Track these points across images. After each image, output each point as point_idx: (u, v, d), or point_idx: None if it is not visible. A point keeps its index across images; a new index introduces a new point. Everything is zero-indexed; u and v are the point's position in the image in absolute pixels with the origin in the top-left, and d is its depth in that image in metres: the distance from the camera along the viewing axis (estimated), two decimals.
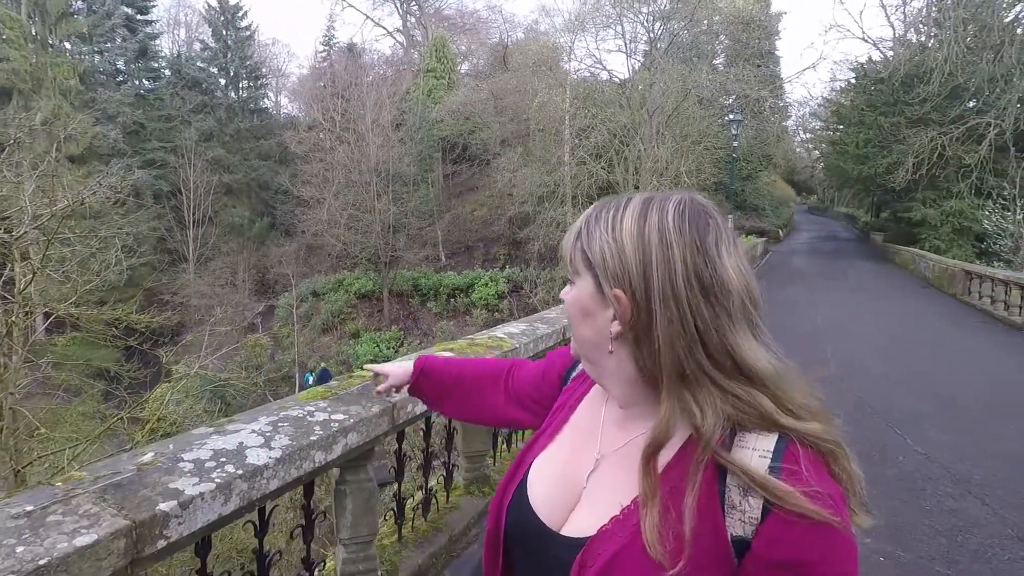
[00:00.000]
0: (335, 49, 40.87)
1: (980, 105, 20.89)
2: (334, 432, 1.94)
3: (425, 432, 2.81)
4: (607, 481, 0.84)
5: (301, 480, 1.86)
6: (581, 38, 24.83)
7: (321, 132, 29.00)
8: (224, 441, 1.75)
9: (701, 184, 22.11)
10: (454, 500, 3.08)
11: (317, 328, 25.44)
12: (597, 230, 0.83)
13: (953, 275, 15.39)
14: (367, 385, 2.39)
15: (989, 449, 4.91)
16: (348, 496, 2.21)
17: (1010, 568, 3.23)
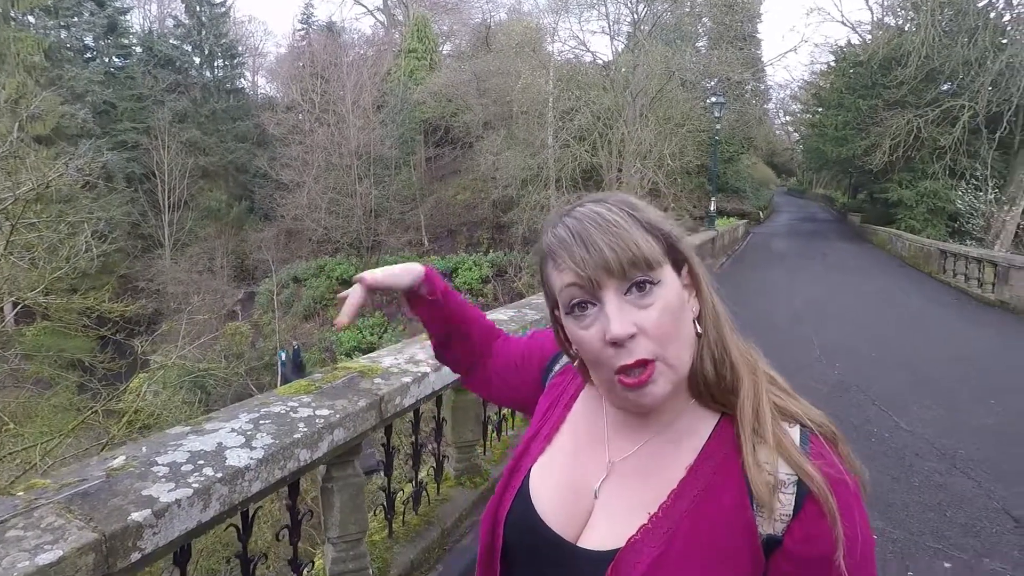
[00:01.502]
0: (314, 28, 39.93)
1: (955, 88, 21.15)
2: (319, 429, 1.85)
3: (413, 424, 2.73)
4: (624, 489, 0.79)
5: (285, 481, 1.77)
6: (565, 19, 24.58)
7: (300, 113, 28.41)
8: (201, 442, 1.65)
9: (684, 167, 22.13)
10: (445, 492, 3.01)
11: (299, 315, 25.14)
12: (648, 217, 0.76)
13: (929, 254, 15.65)
14: (352, 377, 2.30)
15: (971, 424, 4.98)
16: (335, 493, 2.12)
17: (998, 541, 3.27)
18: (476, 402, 3.26)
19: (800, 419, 0.74)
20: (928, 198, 21.62)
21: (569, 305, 0.75)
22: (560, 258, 0.75)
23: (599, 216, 0.74)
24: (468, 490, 3.13)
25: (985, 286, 11.73)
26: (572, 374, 0.96)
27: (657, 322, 0.71)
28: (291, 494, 1.96)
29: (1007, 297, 10.80)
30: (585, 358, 0.78)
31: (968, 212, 19.48)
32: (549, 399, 0.97)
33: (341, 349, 21.18)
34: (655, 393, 0.72)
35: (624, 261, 0.71)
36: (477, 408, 3.28)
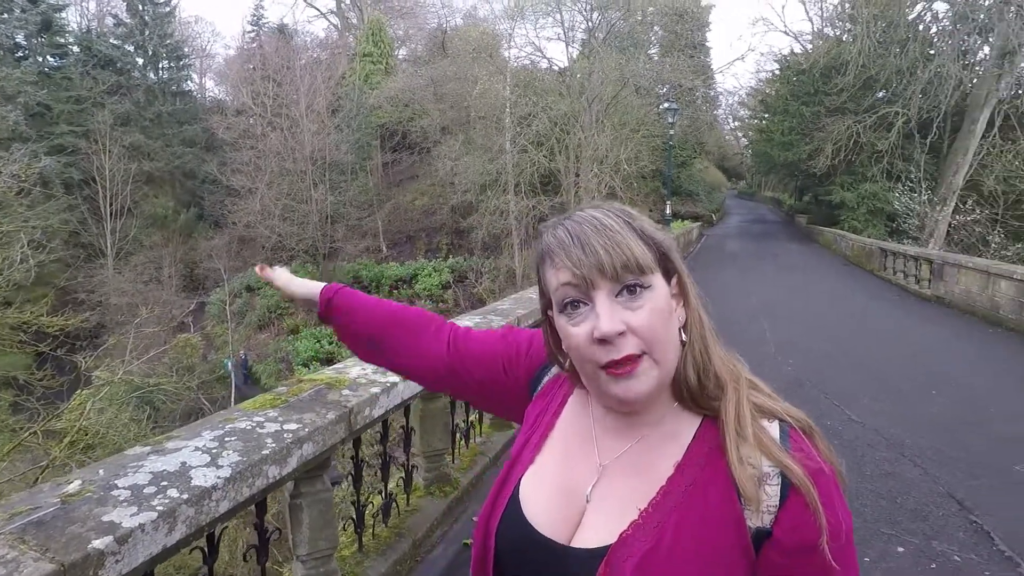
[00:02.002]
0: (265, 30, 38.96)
1: (889, 95, 22.27)
2: (288, 444, 1.80)
3: (382, 434, 2.69)
4: (615, 489, 0.81)
5: (254, 499, 1.71)
6: (521, 25, 24.77)
7: (251, 117, 27.63)
8: (164, 462, 1.58)
9: (640, 171, 22.57)
10: (415, 502, 2.98)
11: (253, 325, 24.42)
12: (643, 226, 0.80)
13: (870, 253, 16.41)
14: (319, 389, 2.25)
15: (915, 414, 5.24)
16: (304, 509, 2.07)
17: (945, 524, 3.44)
18: (444, 410, 3.24)
19: (780, 416, 0.77)
20: (868, 199, 22.64)
21: (563, 304, 0.78)
22: (558, 257, 0.77)
23: (597, 220, 0.77)
24: (438, 499, 3.10)
25: (922, 282, 12.36)
26: (560, 383, 0.97)
27: (645, 322, 0.74)
28: (258, 512, 1.89)
29: (942, 292, 11.41)
30: (573, 355, 0.80)
31: (904, 212, 20.51)
32: (538, 408, 0.97)
33: (298, 359, 20.68)
34: (639, 388, 0.75)
35: (617, 264, 0.74)
36: (445, 416, 3.25)
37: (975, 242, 18.29)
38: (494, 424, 4.20)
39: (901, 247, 15.02)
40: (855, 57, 21.20)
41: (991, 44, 20.15)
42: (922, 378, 6.41)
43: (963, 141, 20.18)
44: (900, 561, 3.07)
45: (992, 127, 19.92)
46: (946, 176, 20.57)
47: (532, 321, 4.49)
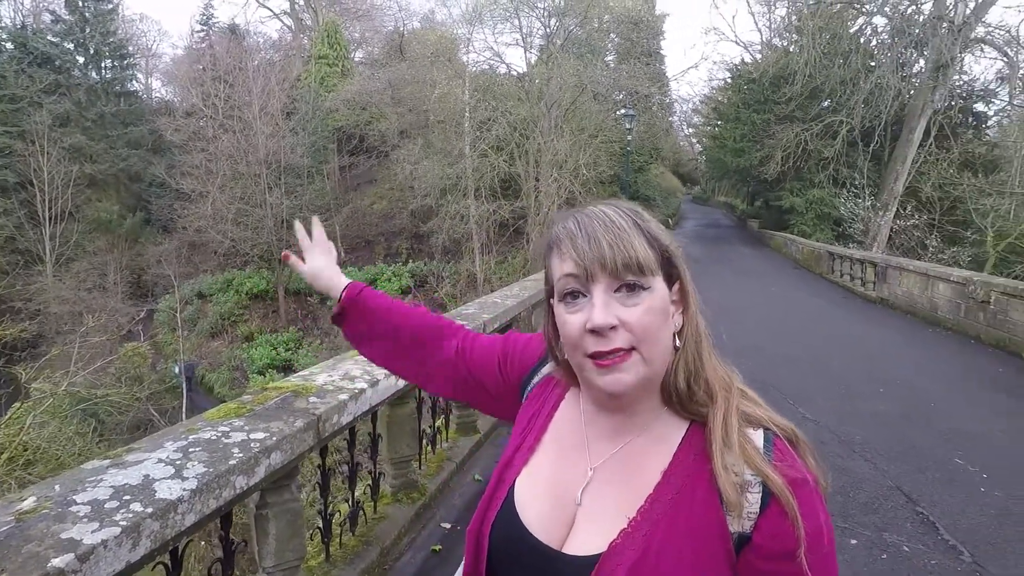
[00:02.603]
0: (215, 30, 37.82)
1: (834, 105, 23.22)
2: (256, 453, 1.75)
3: (349, 442, 2.65)
4: (605, 494, 0.82)
5: (220, 511, 1.66)
6: (479, 30, 24.80)
7: (202, 119, 26.76)
8: (125, 475, 1.52)
9: (598, 176, 22.87)
10: (382, 510, 2.94)
11: (205, 332, 23.62)
12: (650, 228, 0.81)
13: (819, 256, 17.06)
14: (286, 397, 2.20)
15: (864, 411, 5.48)
16: (271, 520, 2.02)
17: (894, 516, 3.61)
18: (412, 416, 3.21)
19: (766, 424, 0.79)
20: (816, 205, 23.52)
21: (563, 293, 0.80)
22: (564, 247, 0.79)
23: (607, 216, 0.79)
24: (406, 506, 3.07)
25: (867, 285, 12.93)
26: (552, 385, 0.98)
27: (638, 320, 0.75)
28: (224, 525, 1.84)
29: (886, 294, 11.97)
30: (565, 344, 0.82)
31: (850, 217, 21.40)
32: (530, 411, 0.98)
33: (254, 367, 20.13)
34: (625, 381, 0.76)
35: (620, 260, 0.75)
36: (412, 422, 3.23)
37: (915, 246, 19.25)
38: (460, 429, 4.19)
39: (847, 251, 15.68)
40: (802, 67, 22.03)
41: (926, 57, 21.28)
42: (869, 377, 6.71)
43: (902, 149, 21.22)
44: (854, 553, 3.20)
45: (928, 136, 21.01)
46: (887, 183, 21.58)
47: (498, 325, 4.50)
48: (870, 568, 3.08)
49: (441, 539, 3.11)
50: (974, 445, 4.67)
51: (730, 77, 29.94)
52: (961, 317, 9.17)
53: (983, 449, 4.60)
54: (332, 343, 21.13)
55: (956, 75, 21.31)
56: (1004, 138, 23.23)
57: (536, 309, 6.12)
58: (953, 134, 21.09)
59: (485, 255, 22.75)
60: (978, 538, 3.35)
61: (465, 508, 3.48)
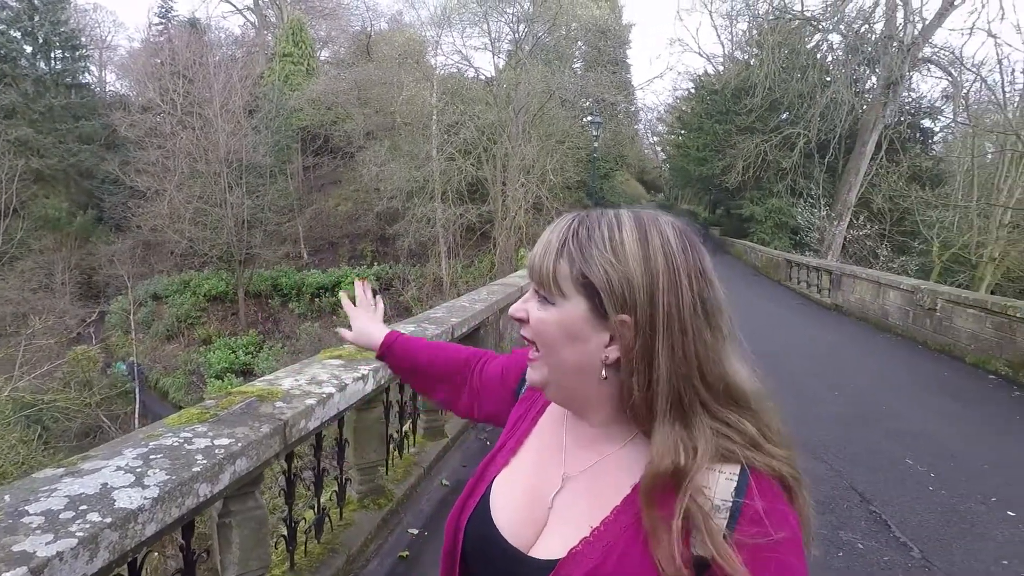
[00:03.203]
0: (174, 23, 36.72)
1: (792, 117, 23.99)
2: (220, 460, 1.70)
3: (315, 447, 2.60)
4: (575, 502, 0.82)
5: (183, 520, 1.61)
6: (447, 33, 24.75)
7: (159, 115, 25.91)
8: (81, 484, 1.46)
9: (565, 182, 23.06)
10: (348, 516, 2.89)
11: (160, 335, 22.84)
12: (594, 249, 0.76)
13: (777, 264, 17.57)
14: (251, 402, 2.15)
15: (820, 413, 5.66)
16: (234, 528, 1.96)
17: (849, 514, 3.74)
18: (379, 421, 3.17)
19: (744, 463, 0.74)
20: (774, 214, 24.22)
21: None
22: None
23: (556, 230, 0.81)
24: (372, 512, 3.02)
25: (823, 292, 13.37)
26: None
27: (535, 322, 0.82)
28: (185, 534, 1.78)
29: (840, 301, 12.39)
30: None
31: (806, 227, 22.12)
32: (519, 412, 1.00)
33: (211, 371, 19.55)
34: (533, 377, 0.85)
35: (535, 275, 0.82)
36: (380, 427, 3.19)
37: (867, 255, 19.99)
38: (428, 434, 4.16)
39: (804, 259, 16.19)
40: (762, 80, 22.71)
41: (878, 75, 22.20)
42: (825, 380, 6.94)
43: (855, 162, 22.06)
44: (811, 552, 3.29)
45: (880, 150, 21.91)
46: (841, 194, 22.39)
47: (466, 330, 4.49)
48: (827, 566, 3.17)
49: (408, 545, 3.07)
50: (923, 446, 4.88)
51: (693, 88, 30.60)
52: (910, 323, 9.57)
53: (931, 450, 4.80)
54: (294, 347, 20.71)
55: (905, 92, 22.34)
56: (949, 153, 24.38)
57: (504, 313, 6.13)
58: (902, 148, 22.05)
59: (451, 259, 22.67)
60: (927, 535, 3.50)
61: (432, 514, 3.45)
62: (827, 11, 22.38)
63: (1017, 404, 6.21)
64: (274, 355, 20.46)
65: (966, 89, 20.96)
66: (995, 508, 3.84)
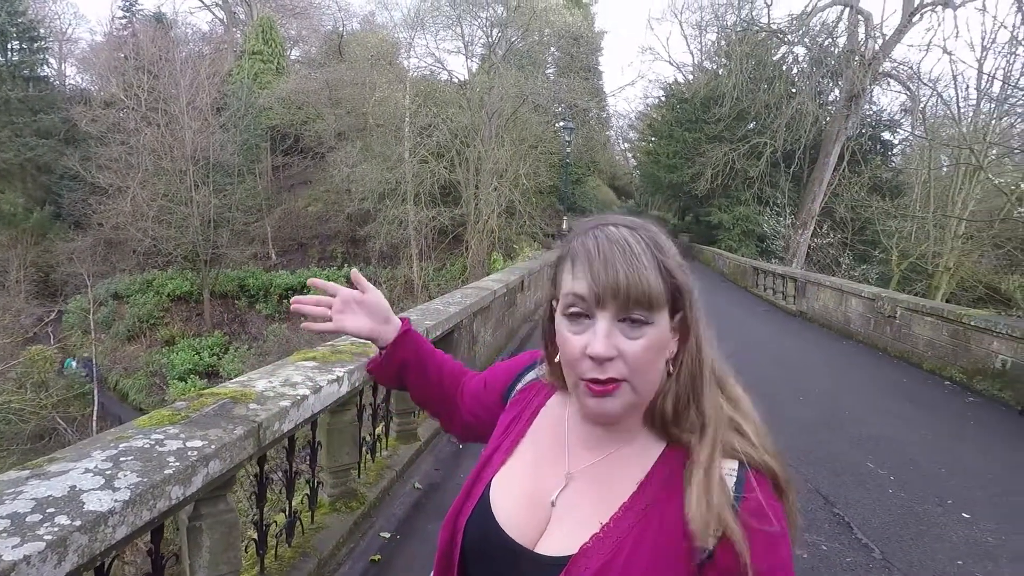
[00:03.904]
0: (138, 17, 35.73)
1: (759, 127, 24.62)
2: (193, 462, 1.67)
3: (288, 450, 2.56)
4: (580, 500, 0.84)
5: (153, 523, 1.57)
6: (421, 36, 24.64)
7: (122, 110, 25.19)
8: (48, 486, 1.42)
9: (538, 186, 23.17)
10: (320, 520, 2.85)
11: (121, 335, 22.14)
12: (667, 256, 0.80)
13: (745, 271, 17.96)
14: (224, 404, 2.11)
15: (787, 418, 5.80)
16: (205, 532, 1.92)
17: (814, 517, 3.84)
18: (352, 424, 3.14)
19: (741, 458, 0.78)
20: (742, 221, 24.78)
21: (568, 308, 0.80)
22: (580, 266, 0.79)
23: (628, 245, 0.78)
24: (344, 515, 2.99)
25: (788, 298, 13.71)
26: (535, 391, 1.00)
27: (637, 355, 0.76)
28: (154, 538, 1.74)
29: (805, 308, 12.73)
30: (563, 358, 0.82)
31: (772, 234, 22.69)
32: (511, 414, 1.00)
33: (174, 373, 19.04)
34: (612, 408, 0.78)
35: (632, 294, 0.75)
36: (353, 430, 3.16)
37: (830, 263, 20.60)
38: (401, 437, 4.13)
39: (770, 266, 16.59)
40: (730, 90, 23.26)
41: (841, 87, 22.94)
42: (790, 385, 7.12)
43: (819, 172, 22.72)
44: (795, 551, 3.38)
45: (842, 161, 22.61)
46: (806, 203, 23.02)
47: (440, 332, 4.48)
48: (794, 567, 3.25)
49: (380, 549, 3.05)
50: (883, 450, 5.04)
51: (664, 96, 31.12)
52: (871, 330, 9.88)
53: (891, 454, 4.97)
54: (261, 348, 20.32)
55: (866, 105, 23.15)
56: (907, 165, 25.29)
57: (477, 317, 6.13)
58: (863, 160, 22.80)
59: (423, 261, 22.55)
60: (887, 536, 3.62)
61: (405, 517, 3.43)
62: (792, 24, 23.04)
63: (971, 409, 6.47)
64: (240, 357, 20.03)
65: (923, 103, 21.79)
66: (951, 510, 3.99)
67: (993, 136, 17.45)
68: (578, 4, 32.19)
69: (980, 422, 6.00)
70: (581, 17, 29.57)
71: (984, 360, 6.99)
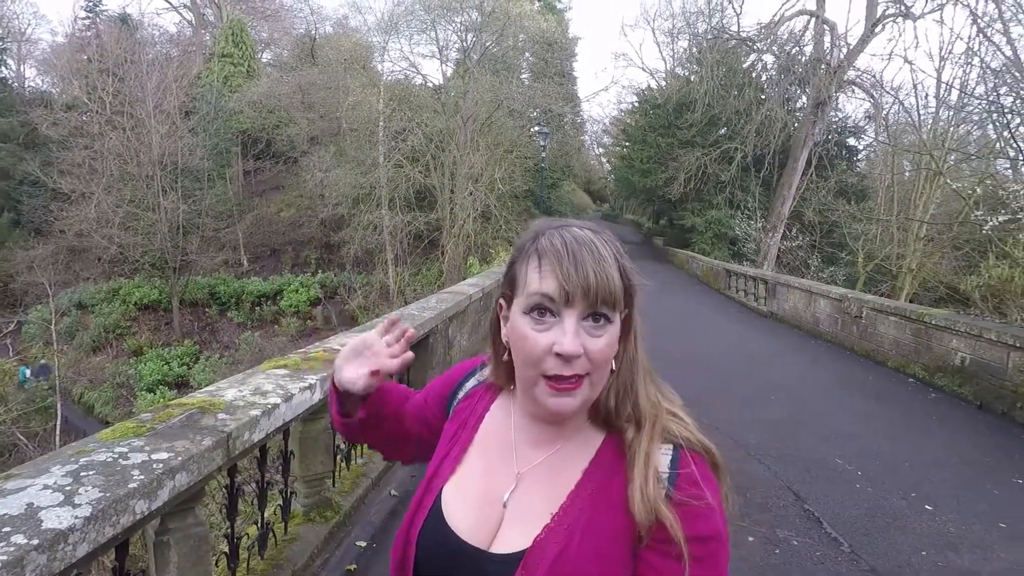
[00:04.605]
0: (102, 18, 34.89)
1: (730, 132, 25.05)
2: (159, 475, 1.63)
3: (259, 460, 2.52)
4: (531, 496, 0.86)
5: (117, 539, 1.53)
6: (395, 39, 24.54)
7: (85, 114, 24.55)
8: (3, 504, 1.37)
9: (513, 191, 23.21)
10: (293, 531, 2.80)
11: (85, 346, 21.49)
12: (623, 258, 0.84)
13: (717, 273, 18.24)
14: (192, 414, 2.07)
15: (759, 417, 5.90)
16: (173, 547, 1.88)
17: (786, 513, 3.92)
18: (326, 432, 3.10)
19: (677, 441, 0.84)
20: (714, 225, 25.15)
21: (532, 307, 0.80)
22: (548, 264, 0.80)
23: (595, 245, 0.81)
24: (319, 526, 2.95)
25: (760, 300, 13.96)
26: (477, 398, 1.02)
27: (602, 351, 0.80)
28: (119, 555, 1.69)
29: (775, 309, 12.97)
30: (523, 356, 0.82)
31: (743, 237, 23.09)
32: (456, 423, 1.01)
33: (142, 384, 18.56)
34: (572, 405, 0.81)
35: (601, 292, 0.78)
36: (327, 438, 3.11)
37: (799, 265, 21.04)
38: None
39: (742, 268, 16.87)
40: (702, 96, 23.65)
41: (808, 94, 23.51)
42: (762, 384, 7.24)
43: (788, 177, 23.21)
44: (751, 549, 3.43)
45: (810, 166, 23.16)
46: (775, 206, 23.49)
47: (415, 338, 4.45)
48: (765, 562, 3.31)
49: (356, 558, 3.01)
50: (851, 446, 5.16)
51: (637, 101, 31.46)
52: (838, 330, 10.12)
53: (858, 449, 5.09)
54: (233, 357, 19.94)
55: (832, 112, 23.75)
56: (871, 170, 26.02)
57: (453, 322, 6.11)
58: (830, 165, 23.38)
59: (399, 267, 22.40)
60: (855, 530, 3.70)
61: (381, 525, 3.39)
62: (761, 33, 23.55)
63: (933, 405, 6.66)
64: (211, 366, 19.62)
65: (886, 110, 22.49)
66: (915, 503, 4.11)
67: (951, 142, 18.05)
68: (552, 10, 32.46)
69: (942, 417, 6.18)
70: (555, 23, 29.78)
71: (944, 357, 7.20)
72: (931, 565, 3.33)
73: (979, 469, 4.78)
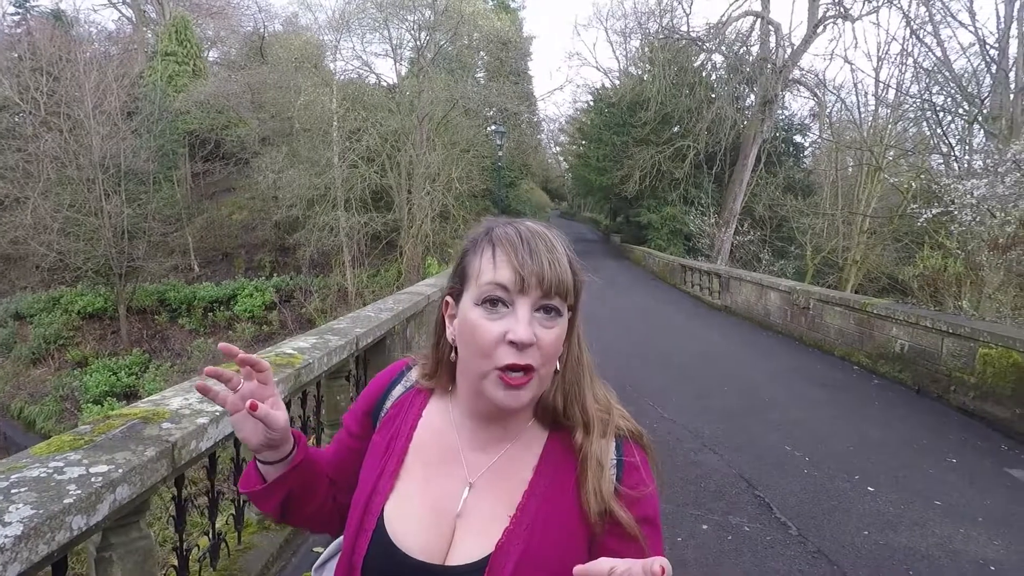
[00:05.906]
0: (33, 14, 33.14)
1: (683, 130, 25.62)
2: (97, 488, 1.57)
3: (209, 469, 2.45)
4: (485, 502, 0.86)
5: (53, 557, 1.47)
6: (347, 38, 24.14)
7: (17, 115, 23.30)
8: None
9: (471, 190, 23.17)
10: (247, 540, 2.74)
11: (24, 359, 20.40)
12: (574, 260, 0.86)
13: (673, 268, 18.65)
14: (133, 424, 2.00)
15: (712, 407, 6.07)
16: (116, 563, 1.81)
17: (738, 500, 4.05)
18: None
19: (620, 433, 0.90)
20: (669, 221, 25.68)
21: (485, 298, 0.80)
22: (504, 253, 0.81)
23: (548, 237, 0.83)
24: (274, 533, 2.89)
25: (714, 294, 14.34)
26: (407, 405, 0.97)
27: (551, 343, 0.81)
28: (56, 573, 1.62)
29: (729, 302, 13.35)
30: (475, 347, 0.81)
31: (698, 233, 23.66)
32: (387, 433, 0.96)
33: (88, 396, 17.75)
34: (523, 399, 0.81)
35: (555, 282, 0.80)
36: None
37: (751, 259, 21.69)
38: None
39: (696, 263, 17.29)
40: (654, 95, 24.11)
41: (756, 93, 24.26)
42: (716, 376, 7.45)
43: (739, 173, 23.90)
44: (705, 537, 3.54)
45: (759, 162, 23.91)
46: (728, 202, 24.16)
47: (371, 340, 4.41)
48: (719, 549, 3.42)
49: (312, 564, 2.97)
50: (799, 433, 5.37)
51: (592, 100, 31.83)
52: (788, 321, 10.48)
53: (805, 436, 5.30)
54: (185, 365, 19.28)
55: (779, 110, 24.57)
56: (817, 166, 27.04)
57: (411, 323, 6.07)
58: (778, 161, 24.20)
59: (356, 268, 22.07)
60: (802, 513, 3.85)
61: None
62: (710, 33, 24.16)
63: (876, 391, 6.99)
64: (162, 375, 18.92)
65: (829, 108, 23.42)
66: (858, 485, 4.30)
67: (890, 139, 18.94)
68: (506, 9, 32.50)
69: (883, 402, 6.48)
70: (509, 22, 29.82)
71: (886, 345, 7.56)
72: (872, 544, 3.50)
73: (916, 450, 5.04)
